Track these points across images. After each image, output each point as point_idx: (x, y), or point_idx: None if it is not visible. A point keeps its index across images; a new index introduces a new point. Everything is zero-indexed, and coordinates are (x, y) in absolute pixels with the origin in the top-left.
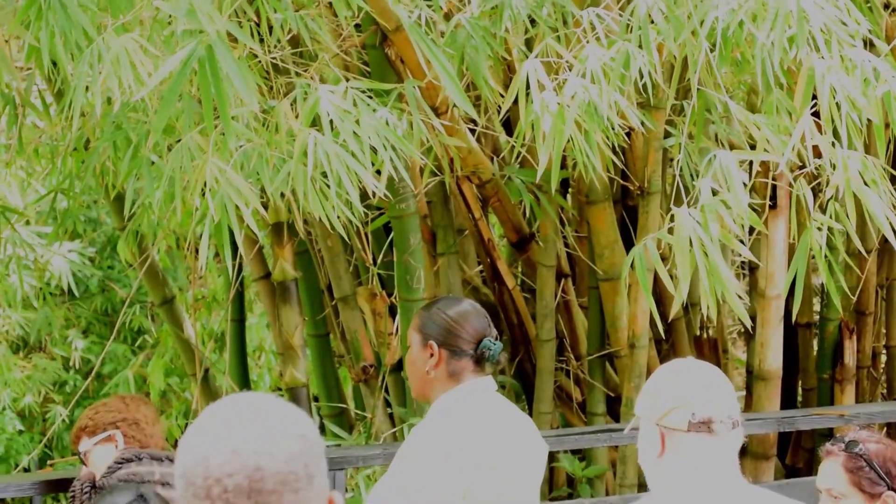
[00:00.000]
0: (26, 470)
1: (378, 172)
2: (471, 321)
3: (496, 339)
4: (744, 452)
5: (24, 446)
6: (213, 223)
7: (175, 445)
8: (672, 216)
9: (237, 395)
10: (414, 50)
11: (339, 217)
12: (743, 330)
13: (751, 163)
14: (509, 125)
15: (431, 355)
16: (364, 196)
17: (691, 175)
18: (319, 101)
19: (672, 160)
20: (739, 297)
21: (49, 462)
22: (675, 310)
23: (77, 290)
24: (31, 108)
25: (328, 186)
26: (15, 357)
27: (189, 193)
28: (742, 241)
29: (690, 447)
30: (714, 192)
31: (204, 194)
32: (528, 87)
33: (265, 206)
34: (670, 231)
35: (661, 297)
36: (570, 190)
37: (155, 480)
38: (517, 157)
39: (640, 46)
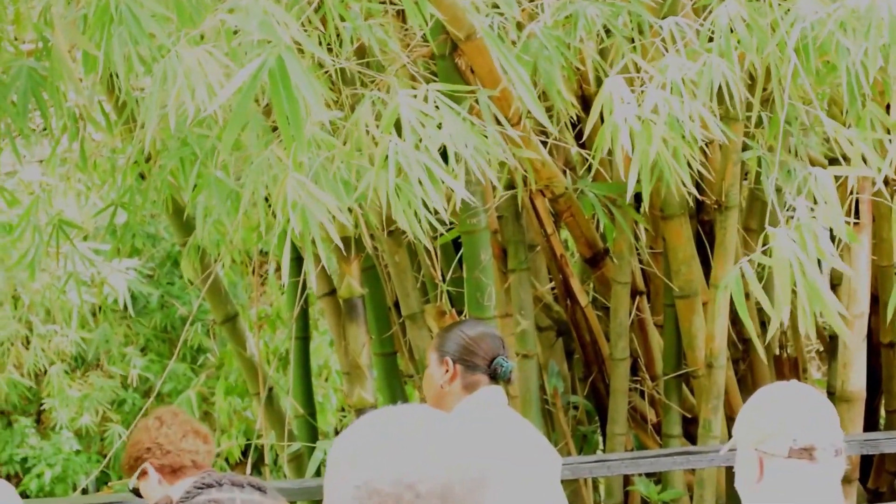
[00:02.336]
0: (84, 491)
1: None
2: (487, 341)
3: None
4: None
5: (82, 466)
6: (280, 237)
7: (234, 466)
8: (763, 234)
9: (408, 406)
10: (485, 59)
11: (422, 224)
12: (822, 350)
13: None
14: (581, 136)
15: (447, 371)
16: (436, 210)
17: (779, 190)
18: (399, 107)
19: (748, 174)
20: (840, 315)
21: (107, 483)
22: (772, 330)
23: (135, 307)
24: (92, 122)
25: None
26: (72, 376)
27: (259, 208)
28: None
29: (790, 474)
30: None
31: (274, 212)
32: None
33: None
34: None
35: (737, 315)
36: (643, 204)
37: None
38: (590, 170)
39: (721, 56)
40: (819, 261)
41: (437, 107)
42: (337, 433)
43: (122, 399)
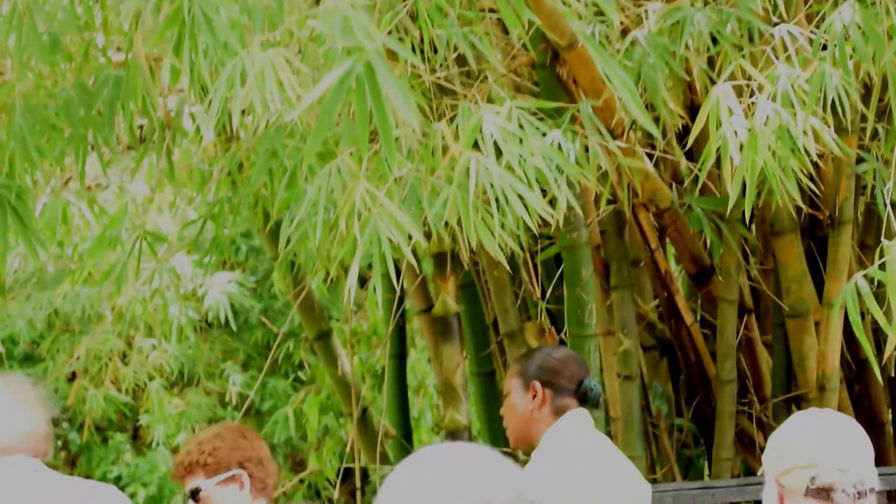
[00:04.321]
0: None
1: (550, 203)
2: (573, 363)
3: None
4: None
5: (178, 486)
6: (377, 253)
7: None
8: (879, 249)
9: (449, 446)
10: (587, 68)
11: (503, 247)
12: None
13: None
14: (688, 149)
15: (534, 396)
16: (535, 224)
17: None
18: (482, 122)
19: (864, 188)
20: None
21: None
22: (889, 350)
23: (236, 322)
24: (181, 132)
25: (490, 215)
26: (170, 393)
27: (341, 219)
28: None
29: None
30: None
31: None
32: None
33: (427, 236)
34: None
35: (850, 334)
36: (753, 220)
37: None
38: (697, 183)
39: (835, 65)
40: None
41: (521, 125)
42: None
43: (220, 416)
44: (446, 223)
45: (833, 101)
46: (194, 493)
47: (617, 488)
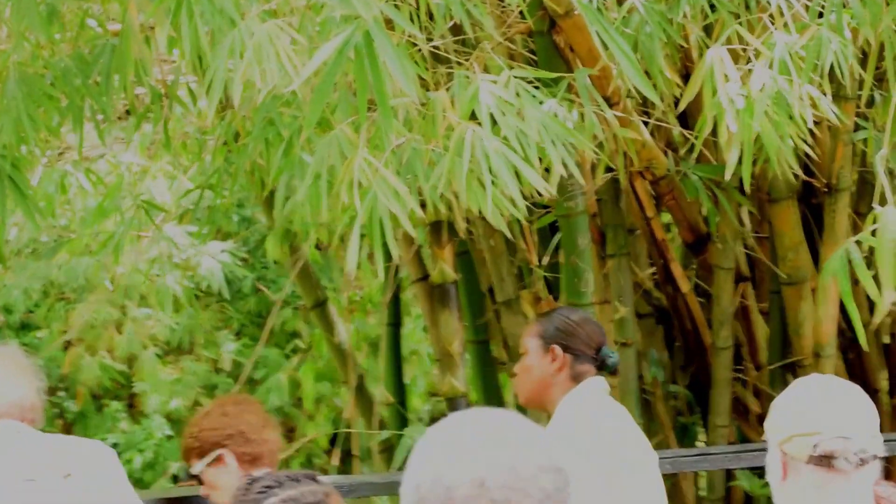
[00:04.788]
0: (175, 478)
1: (547, 171)
2: (591, 327)
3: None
4: None
5: (173, 452)
6: (367, 222)
7: (328, 453)
8: (871, 216)
9: (484, 411)
10: (584, 36)
11: (501, 214)
12: None
13: None
14: (684, 117)
15: (553, 359)
16: (529, 193)
17: (891, 172)
18: (478, 93)
19: (856, 155)
20: None
21: None
22: (878, 318)
23: (229, 291)
24: (178, 101)
25: (493, 184)
26: (164, 360)
27: (340, 189)
28: None
29: (811, 479)
30: None
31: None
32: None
33: (422, 205)
34: (872, 233)
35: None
36: (750, 187)
37: (308, 502)
38: (692, 150)
39: (833, 31)
40: None
41: (517, 94)
42: (421, 420)
43: (215, 384)
44: (441, 193)
45: (830, 67)
46: (195, 478)
47: (634, 458)
